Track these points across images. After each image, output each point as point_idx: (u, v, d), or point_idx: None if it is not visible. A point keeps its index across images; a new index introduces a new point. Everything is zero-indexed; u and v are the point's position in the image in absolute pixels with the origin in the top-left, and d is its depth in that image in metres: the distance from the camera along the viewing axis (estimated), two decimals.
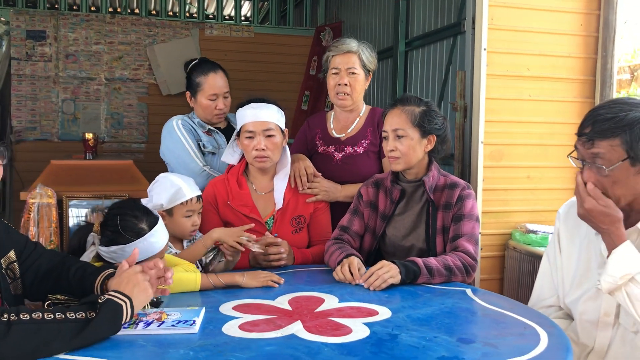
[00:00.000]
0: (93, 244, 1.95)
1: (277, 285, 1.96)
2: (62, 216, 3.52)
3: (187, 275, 1.90)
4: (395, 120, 2.22)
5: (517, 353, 1.37)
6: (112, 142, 6.58)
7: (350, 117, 2.72)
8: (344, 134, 2.71)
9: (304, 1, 7.56)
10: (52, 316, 1.34)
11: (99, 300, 1.42)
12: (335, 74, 2.63)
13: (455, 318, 1.67)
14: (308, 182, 2.50)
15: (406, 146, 2.19)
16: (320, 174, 2.54)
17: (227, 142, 2.62)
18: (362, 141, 2.67)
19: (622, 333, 1.73)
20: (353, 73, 2.60)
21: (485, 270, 3.09)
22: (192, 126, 2.77)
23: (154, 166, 4.80)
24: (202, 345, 1.40)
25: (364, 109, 2.73)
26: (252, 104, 2.38)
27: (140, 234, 1.84)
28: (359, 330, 1.52)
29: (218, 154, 2.73)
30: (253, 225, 2.19)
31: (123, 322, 1.44)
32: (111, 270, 1.64)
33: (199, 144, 2.72)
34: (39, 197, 3.32)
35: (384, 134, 2.27)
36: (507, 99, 3.06)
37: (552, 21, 3.09)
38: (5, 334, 1.27)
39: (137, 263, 1.78)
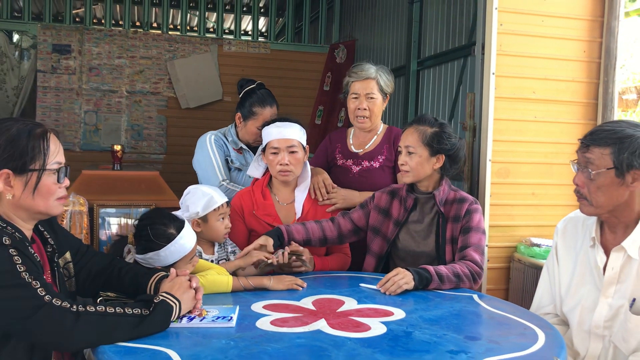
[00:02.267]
0: (129, 252, 2.14)
1: (301, 288, 2.14)
2: (92, 223, 3.72)
3: (220, 278, 2.09)
4: (409, 138, 2.41)
5: (517, 349, 1.55)
6: (132, 153, 6.77)
7: (369, 135, 2.91)
8: (362, 150, 2.90)
9: (319, 19, 7.73)
10: (114, 310, 1.53)
11: (155, 300, 1.62)
12: (355, 98, 2.82)
13: (462, 319, 1.85)
14: (327, 193, 2.70)
15: (415, 162, 2.38)
16: (336, 185, 2.74)
17: None
18: (379, 157, 2.86)
19: (613, 348, 1.85)
20: (371, 98, 2.80)
21: (492, 280, 3.21)
22: (224, 142, 2.98)
23: (173, 177, 5.04)
24: (241, 337, 1.59)
25: (381, 127, 2.93)
26: (277, 123, 2.58)
27: (170, 238, 2.01)
28: (377, 327, 1.70)
29: (244, 170, 2.95)
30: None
31: (172, 320, 1.64)
32: (163, 273, 1.84)
33: (227, 160, 2.94)
34: (72, 205, 3.52)
35: (399, 149, 2.46)
36: (514, 120, 3.18)
37: (557, 48, 3.22)
38: (75, 321, 1.47)
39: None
